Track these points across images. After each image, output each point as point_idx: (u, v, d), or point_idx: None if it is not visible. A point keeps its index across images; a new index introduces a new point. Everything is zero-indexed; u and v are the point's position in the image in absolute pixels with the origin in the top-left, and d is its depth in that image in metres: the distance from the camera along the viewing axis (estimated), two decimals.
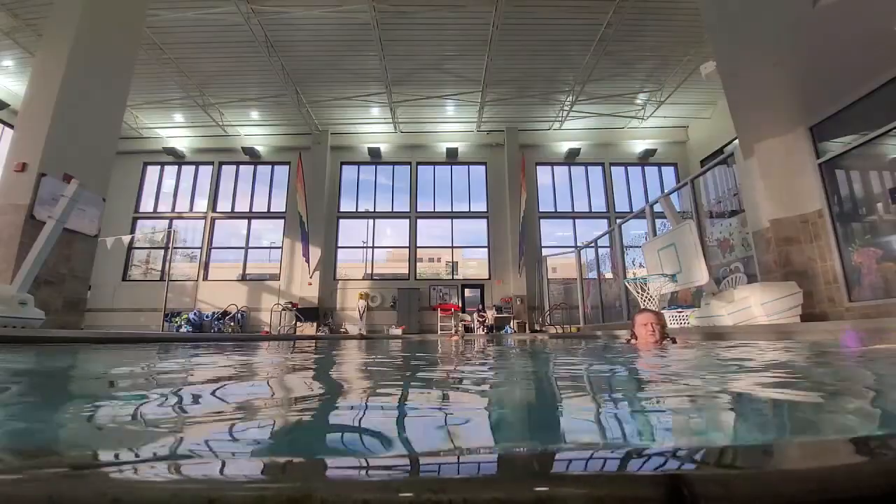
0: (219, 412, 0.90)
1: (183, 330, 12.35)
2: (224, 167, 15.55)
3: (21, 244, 5.38)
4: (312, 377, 1.73)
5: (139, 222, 15.07)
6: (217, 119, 14.13)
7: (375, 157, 15.39)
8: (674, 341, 3.26)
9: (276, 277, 14.55)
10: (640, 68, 12.01)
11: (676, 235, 6.07)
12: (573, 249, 13.17)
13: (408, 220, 15.38)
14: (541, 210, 15.31)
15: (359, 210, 15.62)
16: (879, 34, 4.67)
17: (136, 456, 0.55)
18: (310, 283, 13.89)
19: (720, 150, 12.35)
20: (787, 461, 0.35)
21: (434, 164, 15.81)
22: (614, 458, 0.33)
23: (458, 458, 0.51)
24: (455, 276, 15.17)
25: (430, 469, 0.40)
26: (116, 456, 0.55)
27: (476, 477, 0.32)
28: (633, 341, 3.38)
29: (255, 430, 0.72)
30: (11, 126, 11.11)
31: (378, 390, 1.31)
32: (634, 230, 10.75)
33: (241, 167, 15.60)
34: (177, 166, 15.55)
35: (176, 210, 15.22)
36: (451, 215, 15.53)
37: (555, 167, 15.76)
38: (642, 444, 0.60)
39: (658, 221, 8.86)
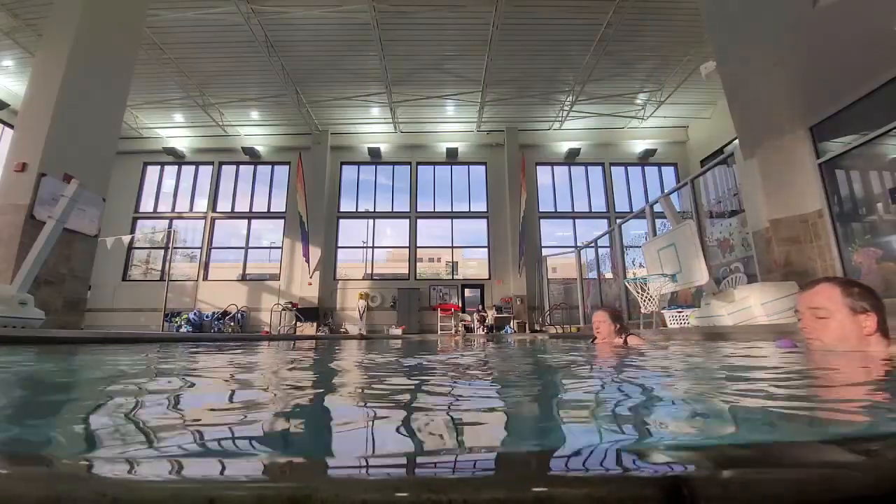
0: (219, 412, 0.90)
1: (183, 330, 12.35)
2: (224, 167, 15.55)
3: (21, 244, 5.39)
4: (316, 375, 1.73)
5: (139, 222, 15.08)
6: (217, 119, 14.14)
7: (375, 157, 15.39)
8: (625, 342, 3.30)
9: (276, 277, 14.56)
10: (640, 68, 12.01)
11: (676, 235, 6.07)
12: (573, 249, 13.17)
13: (408, 220, 15.39)
14: (541, 210, 15.32)
15: (359, 210, 15.63)
16: (879, 34, 4.67)
17: (136, 456, 0.55)
18: (310, 283, 13.90)
19: (720, 150, 12.36)
20: (788, 462, 0.35)
21: (434, 164, 15.82)
22: (615, 459, 0.33)
23: (458, 459, 0.51)
24: (455, 276, 15.17)
25: (430, 469, 0.40)
26: (116, 456, 0.55)
27: (476, 477, 0.32)
28: (596, 340, 3.50)
29: (256, 430, 0.73)
30: (11, 126, 11.11)
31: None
32: (634, 230, 10.75)
33: (241, 167, 15.60)
34: (177, 166, 15.56)
35: (176, 210, 15.22)
36: (451, 215, 15.53)
37: (555, 167, 15.77)
38: (642, 445, 0.60)
39: (658, 221, 8.86)
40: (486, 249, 15.17)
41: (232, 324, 13.14)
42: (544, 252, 14.67)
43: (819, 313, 1.57)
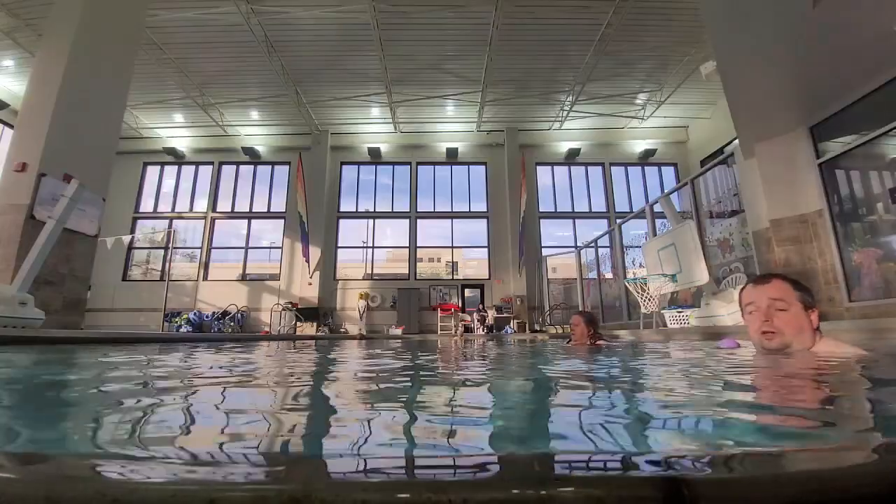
0: (218, 412, 0.90)
1: (183, 330, 12.34)
2: (224, 167, 15.55)
3: (21, 244, 5.38)
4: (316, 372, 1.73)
5: (139, 222, 15.07)
6: (217, 119, 14.13)
7: (375, 157, 15.39)
8: (593, 343, 3.65)
9: (276, 277, 14.55)
10: (640, 68, 12.01)
11: (676, 235, 6.08)
12: (573, 249, 13.17)
13: (408, 220, 15.38)
14: (541, 210, 15.31)
15: (359, 210, 15.62)
16: (879, 34, 4.67)
17: (136, 456, 0.55)
18: (310, 284, 13.89)
19: (720, 150, 12.34)
20: (787, 463, 0.35)
21: (434, 164, 15.81)
22: (615, 459, 0.33)
23: (458, 459, 0.51)
24: (455, 276, 15.17)
25: (429, 469, 0.40)
26: (116, 456, 0.55)
27: (476, 477, 0.32)
28: (572, 340, 3.90)
29: (256, 429, 0.73)
30: (11, 126, 11.11)
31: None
32: (634, 230, 10.75)
33: (241, 167, 15.60)
34: (177, 166, 15.55)
35: (176, 210, 15.22)
36: (451, 215, 15.53)
37: (555, 167, 15.76)
38: (643, 447, 0.60)
39: (658, 221, 8.86)
40: (486, 249, 15.16)
41: (232, 324, 13.13)
42: (544, 252, 14.67)
43: (779, 305, 1.57)
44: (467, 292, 14.72)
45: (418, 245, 15.25)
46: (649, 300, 6.60)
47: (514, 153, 14.91)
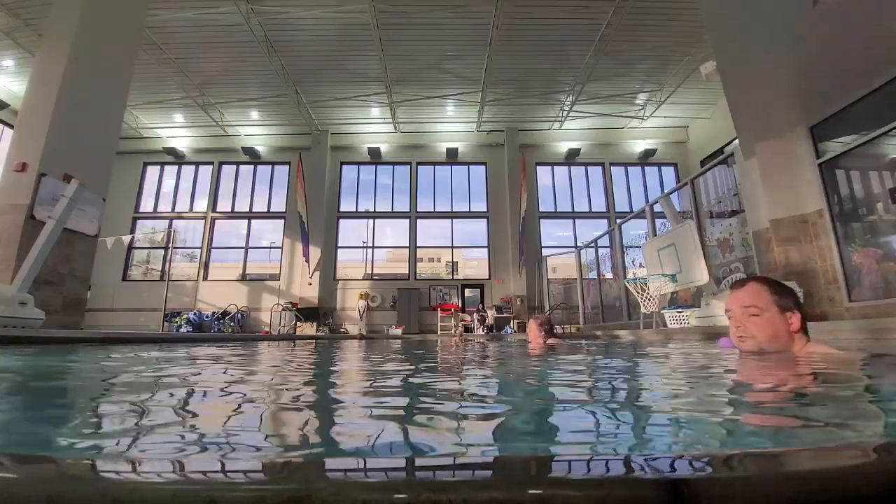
0: (217, 412, 0.90)
1: (183, 330, 12.34)
2: (224, 167, 15.55)
3: (21, 244, 5.38)
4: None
5: (139, 222, 15.07)
6: (217, 119, 14.13)
7: (375, 157, 15.39)
8: (545, 342, 3.99)
9: (276, 277, 14.55)
10: (640, 68, 12.01)
11: (676, 235, 6.08)
12: (573, 249, 13.16)
13: (408, 220, 15.38)
14: (541, 210, 15.31)
15: (359, 210, 15.62)
16: (879, 34, 4.67)
17: (136, 456, 0.55)
18: (310, 284, 13.89)
19: (720, 150, 12.34)
20: (789, 464, 0.35)
21: (434, 164, 15.81)
22: (615, 460, 0.33)
23: (458, 459, 0.51)
24: (455, 276, 15.17)
25: (429, 470, 0.40)
26: (116, 456, 0.55)
27: (475, 478, 0.32)
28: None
29: (256, 429, 0.73)
30: (11, 126, 11.11)
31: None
32: (634, 230, 10.75)
33: (241, 167, 15.60)
34: (177, 166, 15.55)
35: (176, 210, 15.22)
36: (451, 215, 15.53)
37: (555, 167, 15.76)
38: (643, 447, 0.60)
39: (658, 221, 8.86)
40: (486, 249, 15.16)
41: (232, 324, 13.13)
42: (544, 252, 14.66)
43: (751, 311, 1.61)
44: (467, 292, 14.72)
45: (418, 245, 15.25)
46: (649, 300, 6.60)
47: (514, 153, 14.91)
